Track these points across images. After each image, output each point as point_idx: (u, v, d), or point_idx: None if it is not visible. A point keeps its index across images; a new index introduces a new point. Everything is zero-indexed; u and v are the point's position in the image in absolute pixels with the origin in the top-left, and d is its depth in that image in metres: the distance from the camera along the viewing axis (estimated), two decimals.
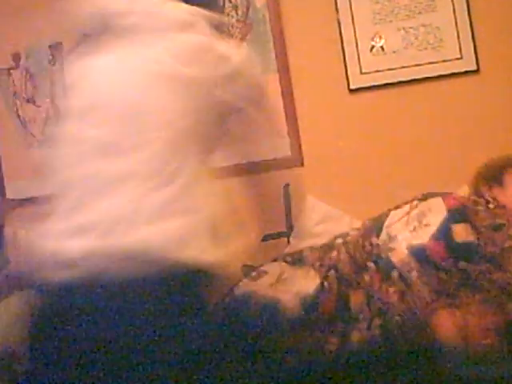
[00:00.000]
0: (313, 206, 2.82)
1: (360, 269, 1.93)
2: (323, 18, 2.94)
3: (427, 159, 2.84)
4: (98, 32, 1.50)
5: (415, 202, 2.06)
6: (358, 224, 2.20)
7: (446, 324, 1.76)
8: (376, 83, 2.90)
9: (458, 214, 1.93)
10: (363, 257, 1.96)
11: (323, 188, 2.84)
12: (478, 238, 1.87)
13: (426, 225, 1.94)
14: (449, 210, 1.94)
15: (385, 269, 1.90)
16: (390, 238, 1.96)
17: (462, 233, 1.89)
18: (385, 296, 1.84)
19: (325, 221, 2.74)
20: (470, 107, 2.85)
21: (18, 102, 3.11)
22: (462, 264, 1.84)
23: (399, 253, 1.91)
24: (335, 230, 2.24)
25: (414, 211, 2.01)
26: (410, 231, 1.95)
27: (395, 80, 2.90)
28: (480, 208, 1.97)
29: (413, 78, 2.88)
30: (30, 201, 3.03)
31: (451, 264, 1.85)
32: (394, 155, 2.87)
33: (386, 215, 2.07)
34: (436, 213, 1.96)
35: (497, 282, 1.80)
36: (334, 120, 2.94)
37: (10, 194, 3.08)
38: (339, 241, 2.05)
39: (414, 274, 1.86)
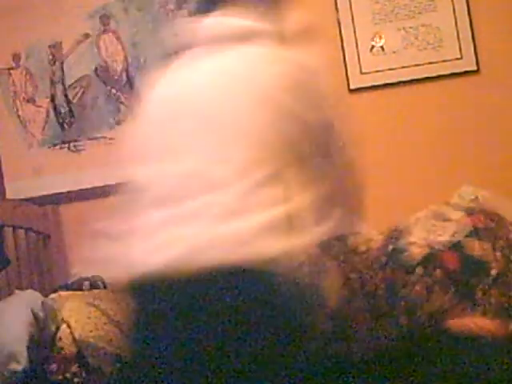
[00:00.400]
0: None
1: (384, 270, 1.95)
2: (323, 18, 2.94)
3: (427, 159, 2.84)
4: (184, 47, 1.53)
5: (439, 211, 2.07)
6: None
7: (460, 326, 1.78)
8: (376, 83, 2.90)
9: (483, 232, 1.95)
10: (383, 260, 1.98)
11: None
12: (495, 260, 1.89)
13: (449, 235, 1.96)
14: (474, 227, 1.96)
15: (405, 269, 1.92)
16: (409, 242, 1.98)
17: (480, 250, 1.91)
18: (411, 295, 1.87)
19: None
20: (470, 107, 2.85)
21: (18, 102, 3.11)
22: (473, 280, 1.86)
23: (415, 255, 1.93)
24: None
25: (438, 221, 2.02)
26: (431, 238, 1.97)
27: (395, 80, 2.90)
28: (503, 232, 1.99)
29: (413, 78, 2.88)
30: (30, 201, 3.04)
31: (461, 276, 1.87)
32: (393, 155, 2.87)
33: (407, 221, 2.09)
34: (460, 227, 1.97)
35: (496, 303, 1.83)
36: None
37: (9, 194, 3.08)
38: (363, 248, 2.06)
39: (426, 278, 1.89)
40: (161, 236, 1.37)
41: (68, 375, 2.07)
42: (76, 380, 2.06)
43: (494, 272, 1.88)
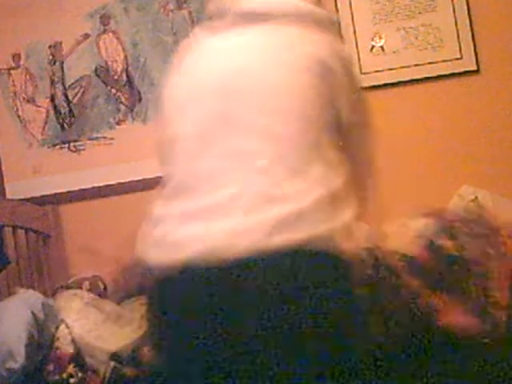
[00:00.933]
0: None
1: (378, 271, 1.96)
2: None
3: (427, 159, 2.84)
4: (227, 15, 1.52)
5: (405, 220, 2.09)
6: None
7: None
8: (376, 83, 2.90)
9: (475, 231, 1.96)
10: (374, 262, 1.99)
11: None
12: (462, 250, 1.90)
13: (438, 236, 1.97)
14: (466, 227, 1.98)
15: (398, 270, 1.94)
16: (400, 243, 1.99)
17: (474, 249, 1.92)
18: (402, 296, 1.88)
19: None
20: (470, 107, 2.85)
21: (18, 102, 3.11)
22: (465, 279, 1.88)
23: (403, 257, 1.94)
24: None
25: (428, 222, 2.04)
26: (419, 240, 1.98)
27: (395, 80, 2.89)
28: (461, 223, 2.00)
29: (413, 78, 2.88)
30: (30, 201, 3.04)
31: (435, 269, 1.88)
32: (393, 155, 2.87)
33: (398, 221, 2.10)
34: (449, 227, 1.99)
35: (476, 288, 1.84)
36: None
37: (9, 194, 3.08)
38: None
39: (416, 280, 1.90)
40: (198, 223, 1.36)
41: (65, 375, 2.07)
42: (73, 380, 2.07)
43: (486, 272, 1.88)
